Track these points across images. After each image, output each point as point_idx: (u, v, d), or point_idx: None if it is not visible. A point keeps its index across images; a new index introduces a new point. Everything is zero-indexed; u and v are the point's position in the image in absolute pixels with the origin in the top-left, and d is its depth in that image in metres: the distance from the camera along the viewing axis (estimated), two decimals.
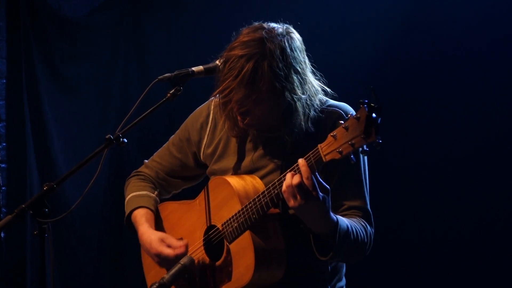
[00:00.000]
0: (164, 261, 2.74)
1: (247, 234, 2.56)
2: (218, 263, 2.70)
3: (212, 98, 2.77)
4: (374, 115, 2.13)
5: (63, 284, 4.87)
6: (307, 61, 2.60)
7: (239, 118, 2.60)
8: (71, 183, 4.18)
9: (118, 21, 5.13)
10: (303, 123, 2.56)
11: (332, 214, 2.42)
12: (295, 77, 2.52)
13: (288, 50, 2.52)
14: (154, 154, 3.04)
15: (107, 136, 2.52)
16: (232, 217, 2.60)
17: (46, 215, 2.39)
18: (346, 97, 2.73)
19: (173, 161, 2.96)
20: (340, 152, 2.25)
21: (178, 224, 2.88)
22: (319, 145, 2.33)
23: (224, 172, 2.76)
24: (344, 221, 2.47)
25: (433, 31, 4.37)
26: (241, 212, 2.57)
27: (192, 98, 4.67)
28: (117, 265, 5.09)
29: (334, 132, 2.27)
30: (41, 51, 4.87)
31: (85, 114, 5.02)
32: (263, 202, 2.51)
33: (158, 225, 2.91)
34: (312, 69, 2.64)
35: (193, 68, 2.65)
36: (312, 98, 2.59)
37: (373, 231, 2.61)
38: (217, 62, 2.65)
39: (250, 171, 2.70)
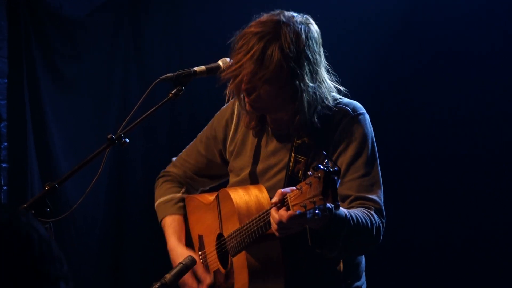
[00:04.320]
0: None
1: (243, 254, 2.59)
2: (225, 271, 2.73)
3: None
4: (332, 176, 2.14)
5: None
6: (322, 55, 2.61)
7: (245, 97, 2.60)
8: (72, 182, 4.18)
9: (118, 21, 5.13)
10: (307, 115, 2.56)
11: None
12: (305, 64, 2.53)
13: (303, 37, 2.53)
14: (182, 151, 3.06)
15: (109, 136, 2.52)
16: (233, 233, 2.63)
17: (47, 215, 2.39)
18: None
19: (200, 159, 2.98)
20: (304, 207, 2.23)
21: (199, 221, 2.92)
22: (288, 194, 2.32)
23: (240, 169, 2.79)
24: (341, 209, 2.40)
25: (434, 31, 4.37)
26: (239, 231, 2.59)
27: (194, 99, 4.74)
28: (117, 264, 5.10)
29: (300, 185, 2.26)
30: (42, 51, 4.87)
31: (85, 113, 5.02)
32: (255, 228, 2.52)
33: (184, 220, 2.97)
34: (327, 66, 2.64)
35: (195, 68, 2.65)
36: (322, 92, 2.59)
37: (383, 221, 2.54)
38: (219, 62, 2.67)
39: (263, 170, 2.72)
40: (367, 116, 2.67)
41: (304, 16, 2.61)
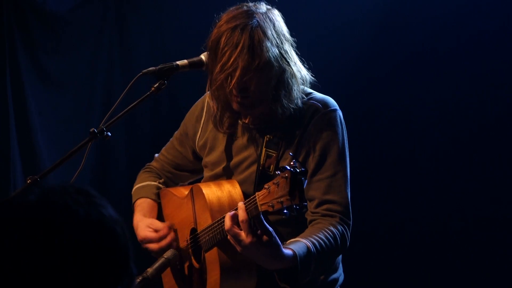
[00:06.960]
0: (149, 246, 2.80)
1: (215, 250, 2.59)
2: (198, 266, 2.73)
3: (207, 92, 2.76)
4: (299, 177, 2.16)
5: None
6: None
7: (235, 97, 2.57)
8: (55, 176, 4.17)
9: (102, 16, 5.11)
10: (294, 100, 2.56)
11: (283, 250, 2.37)
12: (286, 45, 2.56)
13: (275, 20, 2.56)
14: (164, 146, 3.08)
15: (91, 130, 2.52)
16: (206, 228, 2.63)
17: None
18: (333, 95, 2.74)
19: (176, 154, 2.99)
20: (272, 206, 2.25)
21: (173, 215, 2.92)
22: (256, 193, 2.34)
23: (214, 164, 2.79)
24: (301, 246, 2.43)
25: (419, 28, 4.38)
26: (211, 227, 2.60)
27: (178, 92, 4.73)
28: None
29: (268, 185, 2.27)
30: (25, 45, 4.84)
31: (69, 108, 5.00)
32: (222, 228, 2.51)
33: (159, 211, 2.97)
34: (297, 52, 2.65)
35: (177, 62, 2.65)
36: (302, 72, 2.60)
37: (349, 224, 2.57)
38: (202, 56, 2.66)
39: (235, 164, 2.72)
40: (339, 113, 2.65)
41: (264, 3, 2.63)
